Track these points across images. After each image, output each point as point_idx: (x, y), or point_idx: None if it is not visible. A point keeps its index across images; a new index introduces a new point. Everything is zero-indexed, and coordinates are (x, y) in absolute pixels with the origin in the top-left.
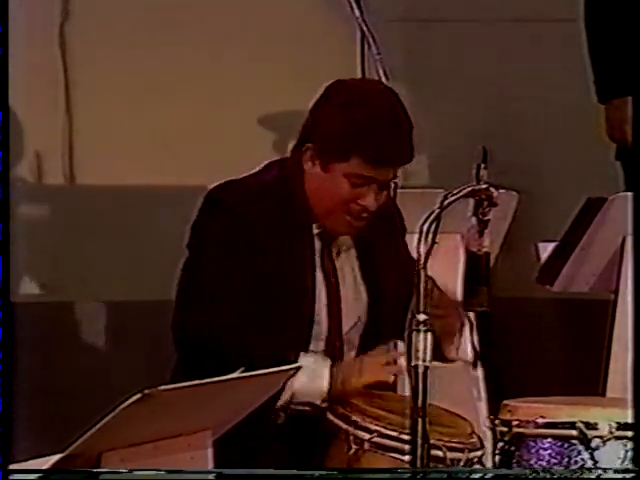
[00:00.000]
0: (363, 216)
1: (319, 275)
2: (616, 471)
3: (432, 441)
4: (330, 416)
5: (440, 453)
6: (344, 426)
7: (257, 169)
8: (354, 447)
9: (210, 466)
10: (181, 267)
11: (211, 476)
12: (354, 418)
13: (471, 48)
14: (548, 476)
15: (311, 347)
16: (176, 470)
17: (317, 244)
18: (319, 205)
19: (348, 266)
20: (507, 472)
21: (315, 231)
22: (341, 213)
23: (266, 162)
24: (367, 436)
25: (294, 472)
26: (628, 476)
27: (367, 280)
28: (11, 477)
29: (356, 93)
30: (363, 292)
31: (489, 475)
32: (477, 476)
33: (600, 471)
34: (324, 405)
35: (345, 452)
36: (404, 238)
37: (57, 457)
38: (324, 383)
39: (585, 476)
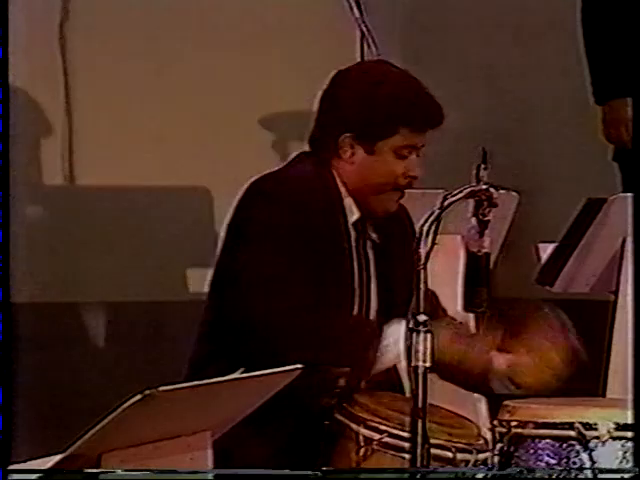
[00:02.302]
0: (407, 189)
1: (355, 264)
2: (614, 471)
3: (441, 442)
4: (338, 415)
5: (449, 454)
6: (353, 426)
7: (288, 162)
8: (363, 447)
9: (210, 467)
10: (223, 259)
11: (210, 476)
12: (363, 418)
13: (471, 49)
14: (546, 476)
15: None
16: (176, 470)
17: (353, 233)
18: (366, 189)
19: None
20: (503, 472)
21: (351, 220)
22: (390, 191)
23: (294, 155)
24: (377, 436)
25: (294, 472)
26: (627, 476)
27: (380, 284)
28: (11, 477)
29: (370, 72)
30: (374, 295)
31: (483, 475)
32: (480, 476)
33: (598, 471)
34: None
35: (354, 452)
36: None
37: (57, 458)
38: (401, 344)
39: (583, 476)
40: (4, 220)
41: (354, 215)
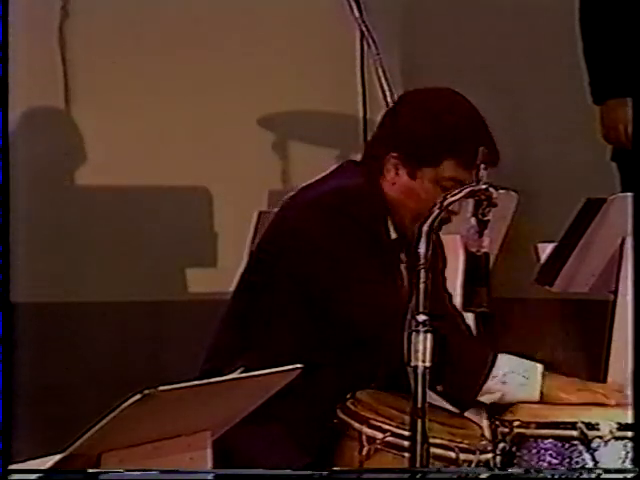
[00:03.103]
0: (445, 223)
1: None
2: (617, 471)
3: (444, 442)
4: (341, 415)
5: (452, 454)
6: (356, 425)
7: (336, 170)
8: (366, 446)
9: (209, 467)
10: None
11: (210, 476)
12: (366, 417)
13: (470, 49)
14: (549, 476)
15: None
16: (175, 470)
17: (391, 251)
18: (404, 213)
19: None
20: (505, 472)
21: (391, 237)
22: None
23: (341, 163)
24: (380, 435)
25: (295, 472)
26: (629, 476)
27: None
28: (11, 477)
29: (438, 99)
30: None
31: (487, 475)
32: (484, 476)
33: (600, 471)
34: None
35: (357, 451)
36: (444, 271)
37: (57, 457)
38: (536, 391)
39: (586, 476)
40: (4, 220)
41: (393, 234)
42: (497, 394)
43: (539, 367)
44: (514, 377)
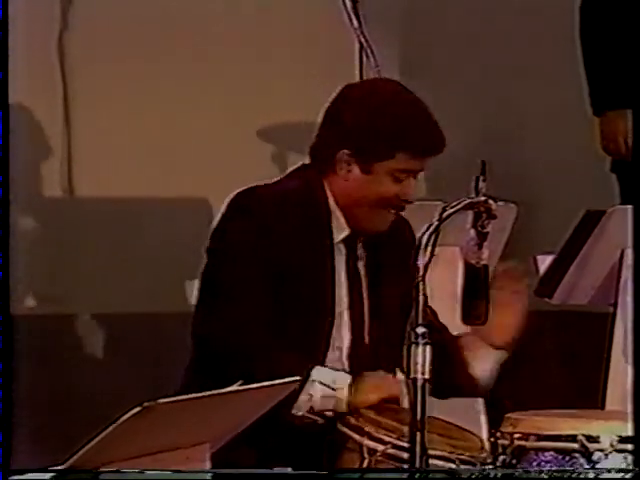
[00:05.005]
0: (403, 206)
1: (344, 281)
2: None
3: (445, 454)
4: (341, 427)
5: (453, 466)
6: (357, 437)
7: (280, 177)
8: (367, 458)
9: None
10: (201, 271)
11: (208, 476)
12: (367, 429)
13: (470, 61)
14: (546, 476)
15: (329, 355)
16: (175, 470)
17: (343, 250)
18: (357, 207)
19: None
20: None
21: (340, 237)
22: (383, 210)
23: (289, 170)
24: (381, 447)
25: (295, 472)
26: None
27: (371, 298)
28: (11, 477)
29: (380, 92)
30: (366, 309)
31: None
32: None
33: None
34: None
35: (358, 464)
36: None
37: (56, 470)
38: (344, 400)
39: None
40: (4, 232)
41: (343, 232)
42: (304, 406)
43: (347, 378)
44: (320, 388)
